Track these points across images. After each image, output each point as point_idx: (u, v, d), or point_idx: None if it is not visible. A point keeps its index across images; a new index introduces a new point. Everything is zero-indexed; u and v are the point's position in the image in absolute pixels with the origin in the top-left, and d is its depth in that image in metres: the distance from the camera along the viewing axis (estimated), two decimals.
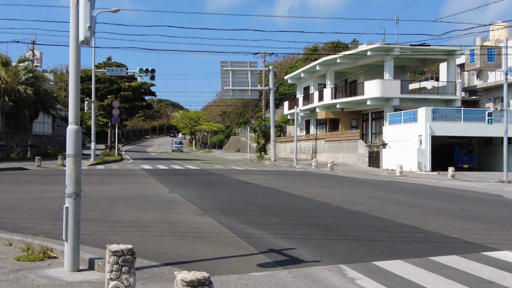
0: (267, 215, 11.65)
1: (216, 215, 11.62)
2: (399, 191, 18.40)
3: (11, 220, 10.63)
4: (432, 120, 31.46)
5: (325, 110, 43.02)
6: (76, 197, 6.83)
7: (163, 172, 26.87)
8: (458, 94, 37.19)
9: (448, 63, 38.61)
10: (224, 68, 40.56)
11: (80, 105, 56.46)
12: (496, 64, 38.01)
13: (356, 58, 40.38)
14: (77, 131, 6.96)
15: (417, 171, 31.06)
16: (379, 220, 11.16)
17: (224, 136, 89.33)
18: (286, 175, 26.05)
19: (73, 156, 6.90)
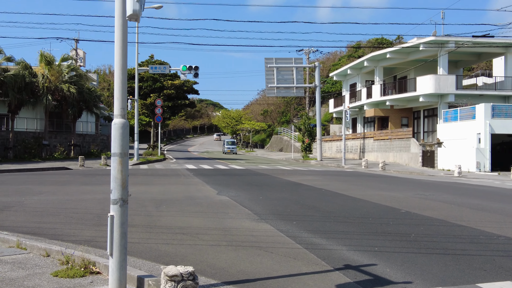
0: (331, 221, 10.38)
1: (273, 221, 10.43)
2: (467, 193, 16.80)
3: (50, 225, 9.71)
4: (492, 117, 29.47)
5: (374, 107, 41.32)
6: (122, 203, 5.74)
7: (208, 172, 25.91)
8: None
9: (506, 57, 36.34)
10: (269, 65, 39.39)
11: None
12: None
13: (407, 52, 38.55)
14: (124, 126, 5.87)
15: (476, 172, 29.16)
16: (462, 229, 9.73)
17: (266, 136, 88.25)
18: (337, 176, 24.65)
19: (119, 155, 5.82)
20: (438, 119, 35.50)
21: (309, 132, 44.13)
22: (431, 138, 37.52)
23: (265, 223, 10.18)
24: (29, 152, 33.89)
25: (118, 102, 5.91)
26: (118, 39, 5.83)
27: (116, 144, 5.80)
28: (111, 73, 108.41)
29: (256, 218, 10.74)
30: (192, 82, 47.37)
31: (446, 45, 34.88)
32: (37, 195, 14.54)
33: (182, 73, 33.26)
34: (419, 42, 35.76)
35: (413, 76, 39.64)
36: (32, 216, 10.82)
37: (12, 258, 7.35)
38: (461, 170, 26.92)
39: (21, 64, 33.51)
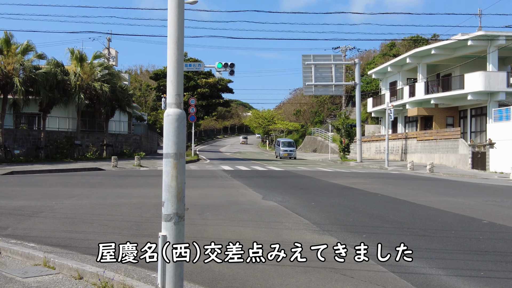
0: (407, 235, 8.83)
1: (337, 232, 8.95)
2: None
3: (83, 236, 8.43)
4: None
5: (417, 106, 39.34)
6: (178, 220, 4.38)
7: (246, 174, 24.54)
8: None
9: None
10: (306, 62, 37.83)
11: (157, 102, 55.21)
12: None
13: (453, 48, 36.51)
14: (180, 118, 4.49)
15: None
16: None
17: (298, 136, 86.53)
18: (386, 178, 22.98)
19: (174, 156, 4.46)
20: (488, 119, 33.41)
21: (347, 132, 42.38)
22: (479, 139, 35.43)
23: (329, 235, 8.70)
24: (61, 152, 33.07)
25: (172, 87, 4.53)
26: (173, 3, 4.44)
27: (169, 142, 4.42)
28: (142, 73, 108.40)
29: (316, 229, 9.27)
30: (227, 81, 46.04)
31: (496, 40, 32.79)
32: (68, 199, 13.35)
33: (217, 70, 32.02)
34: (467, 37, 33.74)
35: (459, 73, 37.58)
36: (63, 224, 9.58)
37: (38, 281, 6.06)
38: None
39: (52, 61, 32.70)
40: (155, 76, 46.79)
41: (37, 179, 20.04)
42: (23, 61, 29.59)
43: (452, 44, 35.88)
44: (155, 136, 58.12)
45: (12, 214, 10.79)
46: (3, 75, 28.85)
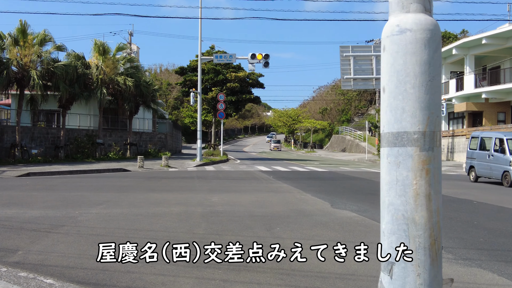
0: None
1: (485, 262, 6.15)
2: None
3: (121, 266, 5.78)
4: None
5: (465, 101, 36.17)
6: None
7: (289, 176, 21.82)
8: None
9: None
10: (344, 54, 34.75)
11: (186, 97, 52.72)
12: None
13: (506, 38, 33.31)
14: (434, 38, 1.65)
15: None
16: None
17: (325, 135, 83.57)
18: (452, 180, 20.13)
19: (420, 139, 1.64)
20: None
21: None
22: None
23: (477, 267, 5.91)
24: (82, 151, 30.59)
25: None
26: None
27: (407, 101, 1.63)
28: (162, 72, 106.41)
29: (450, 257, 6.47)
30: (258, 75, 43.09)
31: None
32: (94, 207, 10.71)
33: (250, 62, 29.36)
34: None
35: (509, 65, 34.41)
36: (91, 245, 6.93)
37: None
38: None
39: (72, 54, 30.24)
40: (181, 71, 44.08)
41: (56, 181, 17.51)
42: (41, 53, 27.13)
43: (505, 33, 32.69)
44: (180, 135, 55.62)
45: (25, 228, 8.18)
46: (19, 68, 26.45)
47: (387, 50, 2.24)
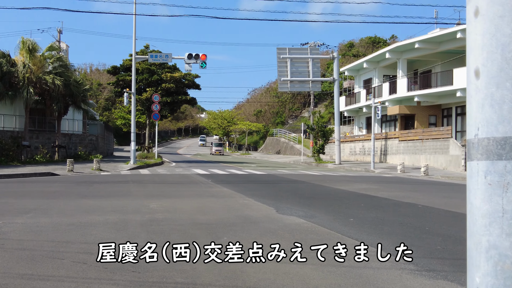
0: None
1: (451, 274, 5.83)
2: None
3: (51, 285, 5.05)
4: None
5: (398, 104, 36.92)
6: None
7: (228, 179, 21.28)
8: None
9: None
10: (282, 56, 34.76)
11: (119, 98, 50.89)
12: None
13: (438, 42, 34.25)
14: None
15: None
16: None
17: (259, 137, 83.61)
18: (394, 183, 20.19)
19: None
20: None
21: (322, 133, 39.48)
22: (465, 138, 33.25)
23: (443, 280, 5.58)
24: (6, 154, 28.70)
25: None
26: None
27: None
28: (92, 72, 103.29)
29: (413, 268, 6.11)
30: (194, 75, 42.12)
31: None
32: (21, 216, 9.72)
33: (186, 62, 28.63)
34: (456, 29, 31.52)
35: (440, 70, 35.43)
36: (17, 262, 6.10)
37: None
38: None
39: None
40: (114, 70, 42.45)
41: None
42: None
43: (438, 37, 33.61)
44: (112, 137, 53.81)
45: None
46: None
47: (483, 15, 1.61)
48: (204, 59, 28.53)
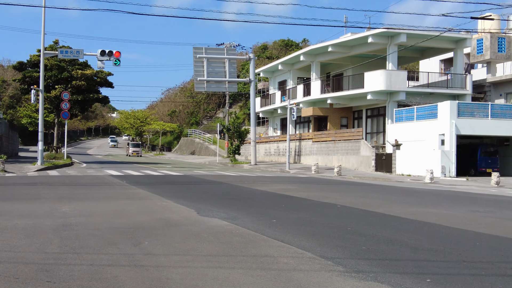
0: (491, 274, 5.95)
1: (379, 274, 5.81)
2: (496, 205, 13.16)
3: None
4: (457, 116, 26.72)
5: (312, 106, 37.61)
6: None
7: (143, 180, 20.66)
8: (468, 88, 32.78)
9: (455, 53, 34.15)
10: (198, 56, 34.35)
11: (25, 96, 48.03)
12: (507, 55, 33.95)
13: (351, 46, 35.26)
14: None
15: (441, 177, 26.19)
16: None
17: (173, 138, 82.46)
18: (311, 184, 20.45)
19: None
20: (387, 119, 32.43)
21: (238, 133, 39.46)
22: (375, 140, 34.46)
23: (374, 281, 5.55)
24: None
25: None
26: None
27: None
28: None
29: (341, 270, 6.04)
30: (107, 73, 40.63)
31: (397, 37, 31.88)
32: None
33: (99, 59, 27.56)
34: (368, 34, 32.54)
35: (351, 73, 36.51)
36: None
37: None
38: (433, 176, 23.76)
39: None
40: (20, 66, 40.08)
41: None
42: None
43: (350, 41, 34.58)
44: (16, 136, 50.84)
45: None
46: None
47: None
48: (118, 56, 27.58)
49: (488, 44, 33.37)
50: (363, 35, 32.94)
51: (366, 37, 32.52)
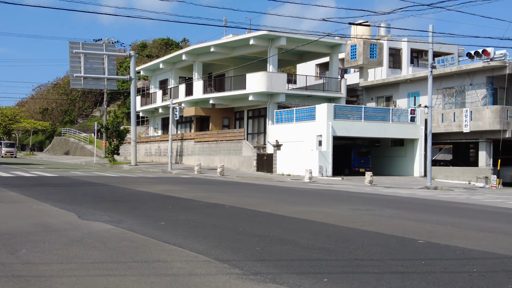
0: (384, 272, 6.11)
1: (276, 276, 5.75)
2: (404, 207, 13.89)
3: None
4: (334, 118, 27.90)
5: (194, 106, 37.29)
6: None
7: (14, 182, 19.18)
8: (343, 92, 34.38)
9: (331, 58, 35.65)
10: (75, 50, 32.68)
11: None
12: (378, 61, 36.14)
13: (233, 47, 35.48)
14: None
15: (319, 176, 27.20)
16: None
17: (45, 137, 77.84)
18: (196, 184, 20.20)
19: None
20: (268, 120, 33.06)
21: (117, 133, 38.08)
22: (257, 140, 35.01)
23: (273, 283, 5.48)
24: None
25: None
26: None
27: None
28: None
29: (238, 272, 5.89)
30: None
31: (277, 40, 32.58)
32: None
33: None
34: (250, 36, 32.94)
35: (232, 74, 36.77)
36: None
37: None
38: (312, 175, 24.60)
39: None
40: None
41: None
42: None
43: (232, 42, 34.79)
44: None
45: None
46: None
47: None
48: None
49: (361, 50, 35.29)
50: (245, 37, 33.31)
51: (248, 39, 32.91)
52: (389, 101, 35.49)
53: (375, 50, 35.83)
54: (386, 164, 32.26)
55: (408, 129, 29.96)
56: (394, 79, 34.75)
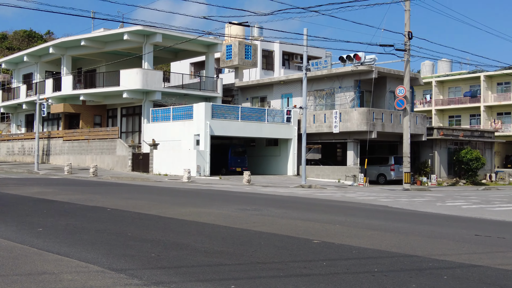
0: (284, 275, 5.98)
1: (181, 284, 5.40)
2: (291, 206, 13.98)
3: None
4: (212, 117, 27.78)
5: (62, 102, 35.04)
6: None
7: None
8: (219, 91, 34.36)
9: (207, 58, 35.45)
10: None
11: None
12: (253, 62, 36.67)
13: (105, 42, 33.93)
14: None
15: (197, 176, 26.93)
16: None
17: None
18: (64, 185, 18.91)
19: None
20: (143, 119, 32.06)
21: None
22: (132, 139, 33.84)
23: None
24: None
25: None
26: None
27: None
28: None
29: (140, 284, 5.45)
30: None
31: (153, 37, 31.71)
32: None
33: None
34: (124, 30, 31.68)
35: (105, 70, 35.22)
36: None
37: None
38: (190, 175, 24.28)
39: None
40: None
41: None
42: None
43: (105, 37, 33.29)
44: None
45: None
46: None
47: None
48: None
49: (237, 51, 35.58)
50: (119, 32, 32.04)
51: (122, 33, 31.67)
52: (263, 101, 36.13)
53: (250, 51, 36.32)
54: (262, 164, 32.80)
55: (282, 129, 30.72)
56: (269, 80, 35.46)
